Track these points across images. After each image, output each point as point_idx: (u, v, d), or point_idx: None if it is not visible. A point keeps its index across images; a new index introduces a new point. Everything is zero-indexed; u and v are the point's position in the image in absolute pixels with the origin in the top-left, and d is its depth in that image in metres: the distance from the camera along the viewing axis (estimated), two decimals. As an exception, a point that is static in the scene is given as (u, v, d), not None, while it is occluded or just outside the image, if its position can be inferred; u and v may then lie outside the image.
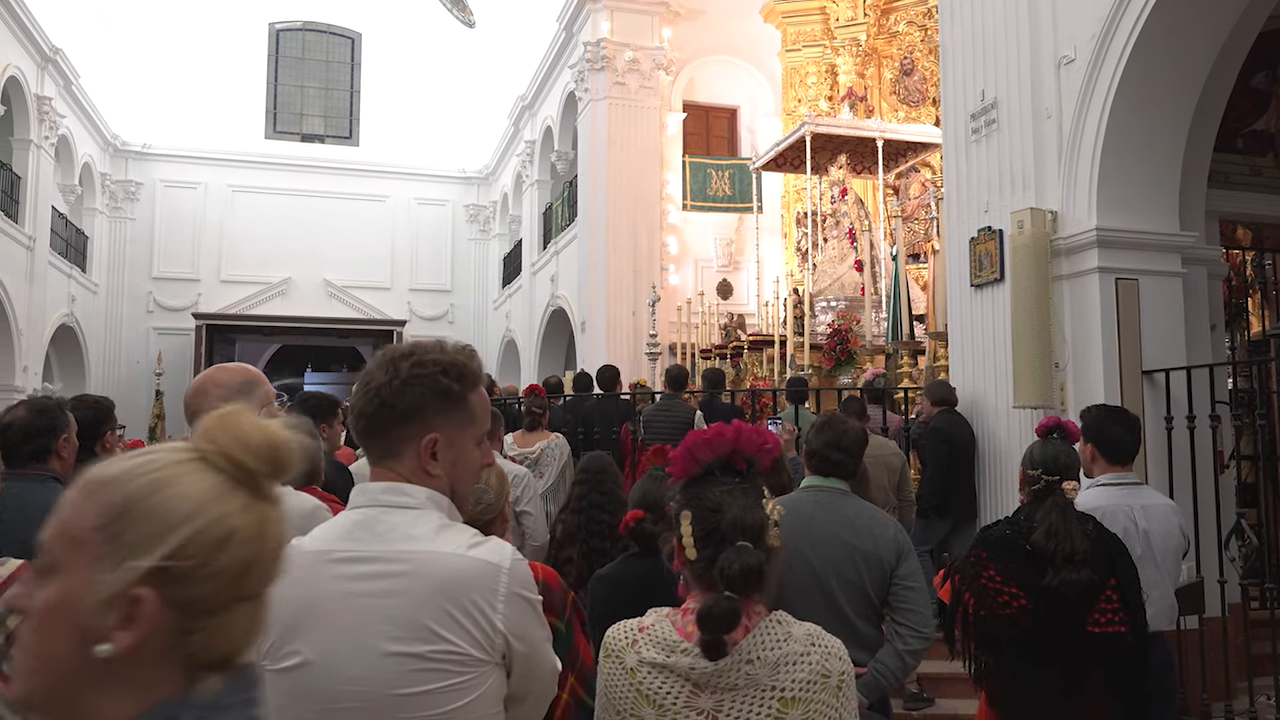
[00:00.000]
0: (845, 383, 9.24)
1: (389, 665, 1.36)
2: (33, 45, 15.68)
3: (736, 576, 1.47)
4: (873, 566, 2.85)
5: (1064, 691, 2.94)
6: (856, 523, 2.91)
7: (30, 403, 3.10)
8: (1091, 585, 2.97)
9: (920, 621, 2.82)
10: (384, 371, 1.48)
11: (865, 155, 11.73)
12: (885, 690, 2.86)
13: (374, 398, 1.48)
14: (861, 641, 2.82)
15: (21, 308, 15.40)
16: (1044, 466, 3.12)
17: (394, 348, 1.52)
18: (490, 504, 2.19)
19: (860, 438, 3.03)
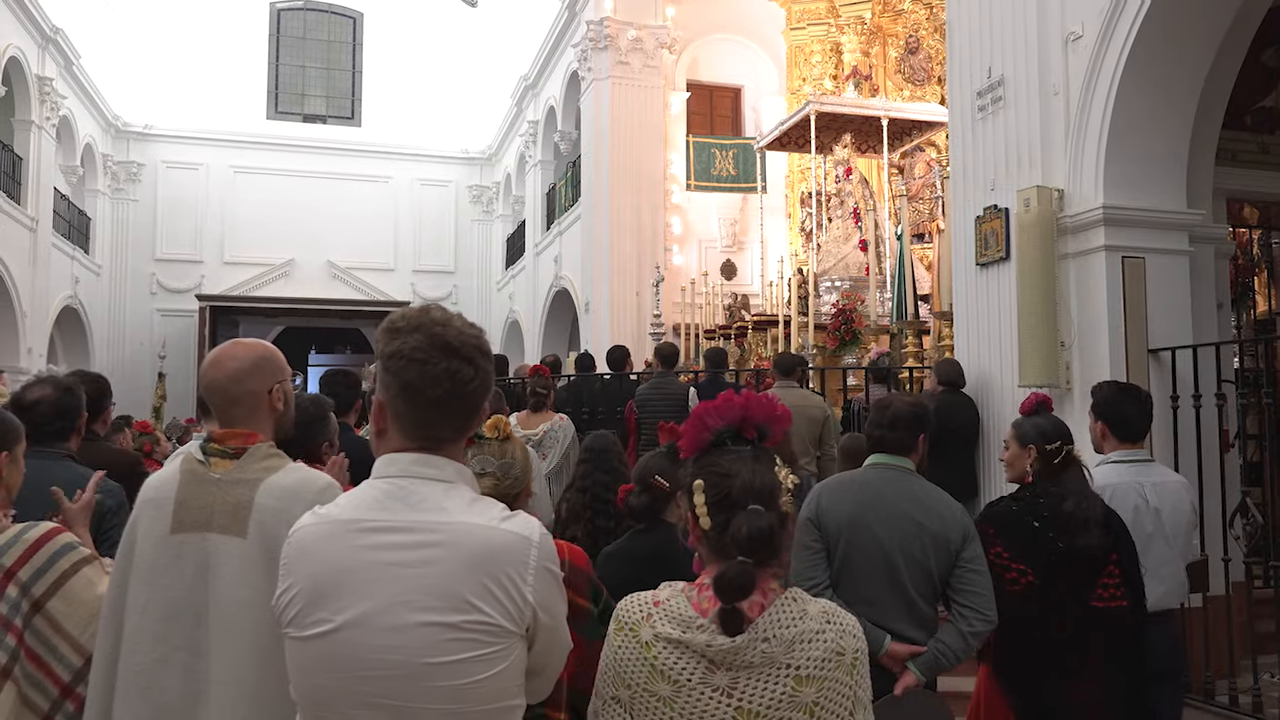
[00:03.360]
0: (850, 362, 9.23)
1: (422, 634, 1.37)
2: (33, 25, 15.61)
3: (746, 540, 1.47)
4: (940, 547, 2.83)
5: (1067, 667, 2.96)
6: (925, 502, 2.89)
7: (54, 381, 3.10)
8: (1096, 559, 2.99)
9: (984, 604, 2.80)
10: (471, 367, 1.47)
11: (870, 134, 11.68)
12: (943, 670, 2.85)
13: (481, 387, 1.48)
14: (920, 621, 2.83)
15: (25, 290, 15.41)
16: (1059, 436, 3.13)
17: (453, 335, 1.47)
18: (517, 478, 2.20)
19: (907, 412, 3.00)
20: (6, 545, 2.07)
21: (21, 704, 1.98)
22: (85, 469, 2.96)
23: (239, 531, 1.88)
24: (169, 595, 1.88)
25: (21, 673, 2.00)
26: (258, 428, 2.02)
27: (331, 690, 1.39)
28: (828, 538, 2.86)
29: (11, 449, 2.22)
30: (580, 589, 2.29)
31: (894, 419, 2.98)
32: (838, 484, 3.03)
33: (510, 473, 2.17)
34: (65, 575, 2.07)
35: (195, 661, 1.85)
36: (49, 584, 2.05)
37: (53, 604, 2.04)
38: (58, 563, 2.07)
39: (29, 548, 2.07)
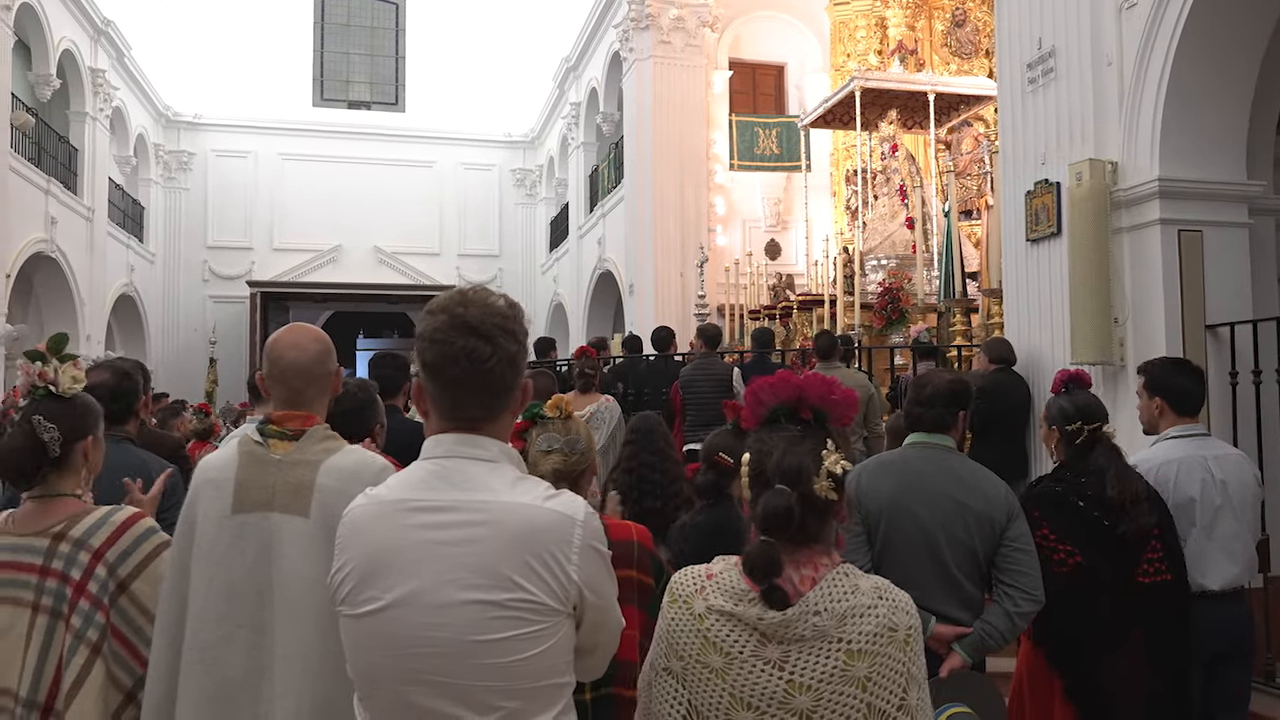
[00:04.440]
0: (896, 341, 9.13)
1: (467, 612, 1.39)
2: (85, 18, 15.93)
3: (760, 518, 1.49)
4: (983, 526, 2.77)
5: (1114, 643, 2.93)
6: (968, 481, 2.83)
7: (112, 366, 3.18)
8: (1140, 535, 2.94)
9: (1031, 584, 2.74)
10: (489, 345, 1.46)
11: (916, 110, 11.50)
12: (990, 651, 2.81)
13: (502, 365, 1.48)
14: (966, 602, 2.78)
15: (83, 278, 15.80)
16: (1081, 416, 3.08)
17: (474, 314, 1.48)
18: (583, 454, 2.22)
19: (945, 389, 2.93)
20: (94, 527, 2.13)
21: (110, 682, 2.04)
22: (145, 452, 3.04)
23: (302, 511, 1.91)
24: (232, 574, 1.93)
25: (108, 650, 2.06)
26: (319, 410, 2.07)
27: (383, 667, 1.42)
28: (868, 520, 2.83)
29: (96, 432, 2.28)
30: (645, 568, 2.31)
31: (932, 396, 2.93)
32: (877, 465, 2.99)
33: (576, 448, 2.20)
34: (149, 558, 2.13)
35: (259, 638, 1.89)
36: (134, 566, 2.11)
37: (137, 585, 2.10)
38: (142, 545, 2.13)
39: (115, 530, 2.13)
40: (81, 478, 2.25)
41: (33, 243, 13.91)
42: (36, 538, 2.13)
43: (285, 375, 2.09)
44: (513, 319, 1.51)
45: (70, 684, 2.03)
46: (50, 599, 2.09)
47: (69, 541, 2.11)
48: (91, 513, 2.17)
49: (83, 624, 2.06)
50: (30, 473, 2.18)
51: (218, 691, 1.89)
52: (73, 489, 2.22)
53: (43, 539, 2.12)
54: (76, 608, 2.07)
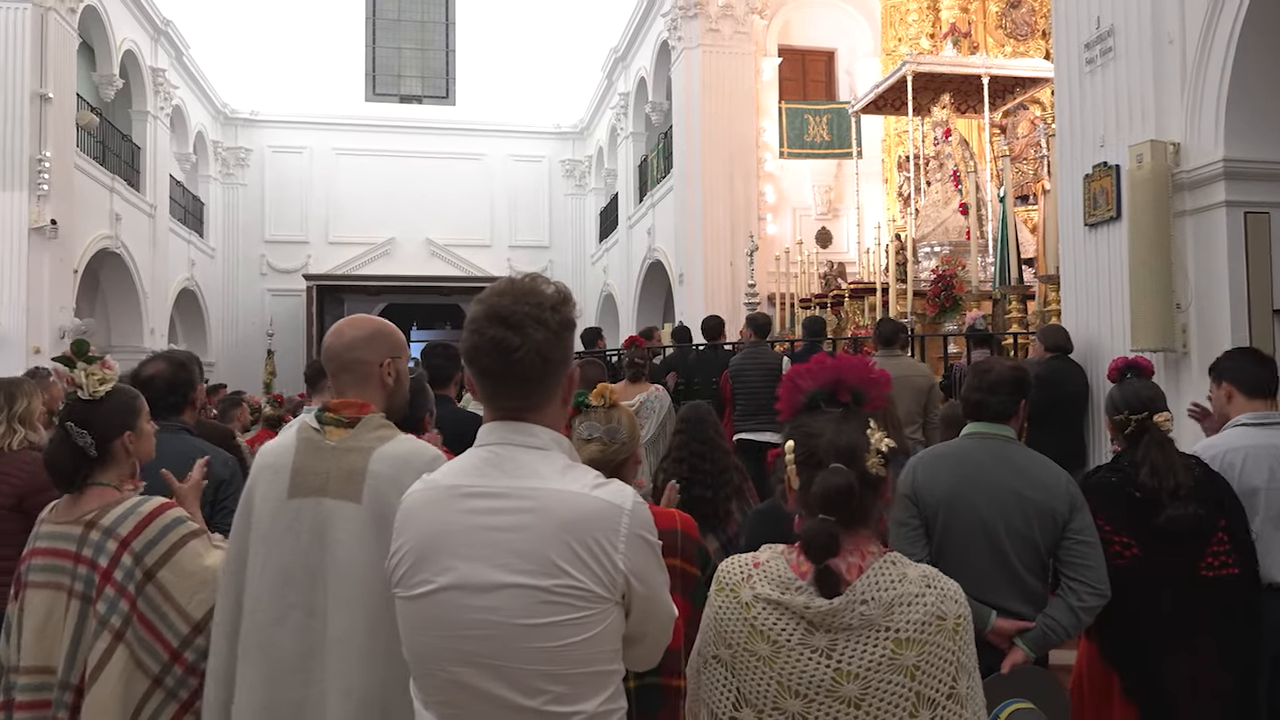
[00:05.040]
0: (950, 329, 9.00)
1: (515, 596, 1.41)
2: (145, 19, 16.31)
3: (820, 497, 1.48)
4: (1044, 518, 2.71)
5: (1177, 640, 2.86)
6: (1028, 472, 2.76)
7: (168, 357, 3.27)
8: (1201, 526, 2.86)
9: (1096, 577, 2.67)
10: (519, 336, 1.47)
11: (970, 94, 11.28)
12: (1053, 646, 2.75)
13: (530, 355, 1.47)
14: (1028, 595, 2.72)
15: (146, 273, 16.22)
16: (1127, 407, 3.02)
17: (506, 304, 1.49)
18: (623, 443, 2.22)
19: (1008, 376, 2.87)
20: (122, 517, 2.20)
21: (135, 666, 2.11)
22: (200, 441, 3.12)
23: (354, 497, 1.95)
24: (286, 557, 1.97)
25: (134, 637, 2.12)
26: (369, 398, 2.09)
27: (435, 648, 1.45)
28: (925, 513, 2.78)
29: (134, 426, 2.34)
30: (690, 557, 2.31)
31: (994, 383, 2.86)
32: (933, 456, 2.93)
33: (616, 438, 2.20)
34: (175, 547, 2.19)
35: (310, 620, 1.93)
36: (160, 555, 2.17)
37: (163, 574, 2.16)
38: (168, 535, 2.19)
39: (142, 520, 2.20)
40: (125, 470, 2.32)
41: (99, 239, 14.31)
42: (71, 525, 2.22)
43: (325, 360, 2.15)
44: (548, 307, 1.51)
45: (92, 668, 2.11)
46: (81, 585, 2.18)
47: (99, 529, 2.19)
48: (122, 502, 2.24)
49: (107, 610, 2.14)
50: (72, 475, 2.28)
51: (272, 670, 1.94)
52: (114, 480, 2.30)
53: (76, 526, 2.21)
54: (103, 594, 2.15)
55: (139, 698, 2.10)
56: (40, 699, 2.16)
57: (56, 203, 12.33)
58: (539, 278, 1.56)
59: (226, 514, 2.91)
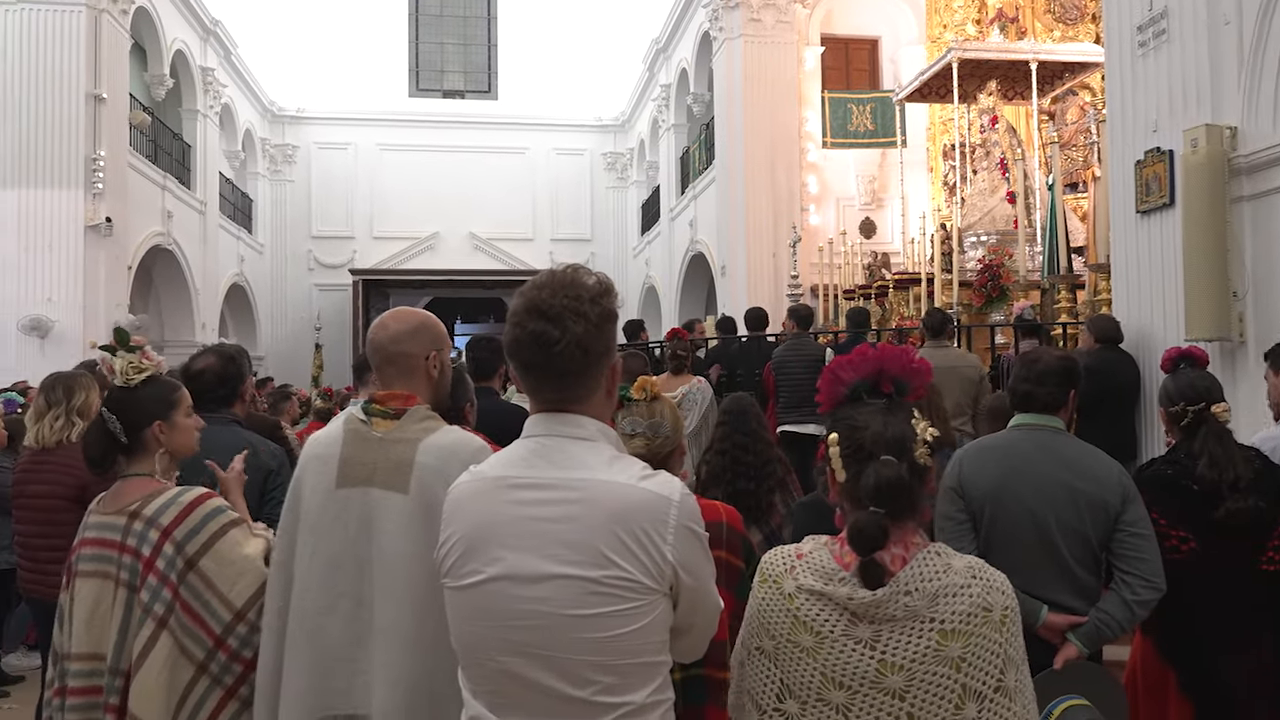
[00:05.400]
0: (997, 320, 8.87)
1: (563, 587, 1.42)
2: (195, 19, 16.60)
3: (874, 489, 1.46)
4: (1096, 511, 2.64)
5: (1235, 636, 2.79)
6: (1078, 464, 2.70)
7: (218, 351, 3.33)
8: (1262, 519, 2.79)
9: (1150, 570, 2.60)
10: (558, 329, 1.46)
11: (1017, 80, 11.09)
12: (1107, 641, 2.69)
13: (570, 348, 1.47)
14: (1081, 590, 2.66)
15: (197, 268, 16.54)
16: (1183, 398, 2.95)
17: (545, 297, 1.49)
18: (668, 436, 2.22)
19: (1057, 365, 2.81)
20: (164, 506, 2.25)
21: (179, 653, 2.16)
22: (250, 433, 3.17)
23: (401, 487, 1.96)
24: (333, 546, 2.00)
25: (178, 624, 2.17)
26: (414, 390, 2.11)
27: (484, 638, 1.46)
28: (972, 506, 2.73)
29: (167, 417, 2.38)
30: (735, 549, 2.31)
31: (1042, 373, 2.80)
32: (980, 449, 2.89)
33: (660, 432, 2.19)
34: (215, 536, 2.23)
35: (358, 609, 1.96)
36: (200, 544, 2.21)
37: (204, 562, 2.20)
38: (208, 524, 2.24)
39: (183, 509, 2.24)
40: (156, 460, 2.36)
41: (151, 236, 14.61)
42: (116, 515, 2.27)
43: (370, 353, 2.17)
44: (587, 299, 1.50)
45: (137, 655, 2.15)
46: (126, 573, 2.23)
47: (141, 519, 2.24)
48: (164, 492, 2.28)
49: (150, 598, 2.18)
50: (101, 459, 2.35)
51: (320, 657, 1.97)
52: (150, 470, 2.35)
53: (121, 517, 2.26)
54: (146, 583, 2.20)
55: (185, 684, 2.14)
56: (91, 685, 2.22)
57: (111, 201, 12.61)
58: (580, 268, 1.55)
59: (275, 504, 2.97)
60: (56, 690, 2.27)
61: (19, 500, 3.89)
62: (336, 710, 1.94)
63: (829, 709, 1.47)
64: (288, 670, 1.99)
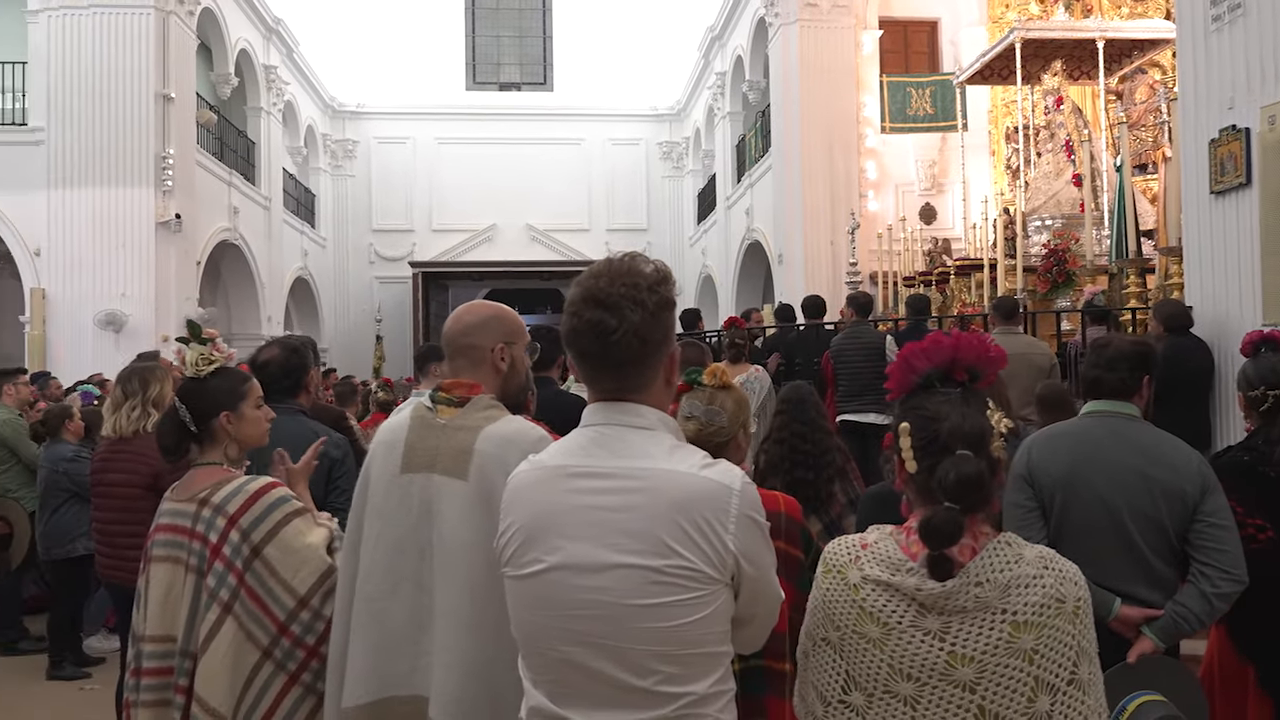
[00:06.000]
0: (1063, 306, 8.67)
1: (625, 576, 1.41)
2: (258, 19, 16.94)
3: (953, 486, 1.42)
4: (1173, 500, 2.57)
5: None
6: (1154, 451, 2.63)
7: (283, 343, 3.41)
8: None
9: (1231, 562, 2.51)
10: (616, 317, 1.46)
11: (1083, 59, 10.80)
12: (1185, 635, 2.62)
13: (628, 337, 1.46)
14: (1157, 581, 2.59)
15: (263, 263, 16.92)
16: (1263, 381, 2.85)
17: (602, 285, 1.48)
18: (722, 427, 2.21)
19: (1130, 351, 2.73)
20: (230, 495, 2.31)
21: (245, 638, 2.22)
22: (315, 424, 3.23)
23: (461, 474, 1.99)
24: (398, 531, 2.03)
25: (243, 610, 2.23)
26: (481, 380, 2.13)
27: (545, 627, 1.47)
28: (1041, 495, 2.67)
29: (234, 408, 2.45)
30: (794, 539, 2.29)
31: (1114, 359, 2.72)
32: (1049, 436, 2.82)
33: (715, 420, 2.18)
34: (279, 525, 2.29)
35: (419, 594, 1.99)
36: (265, 532, 2.27)
37: (269, 550, 2.26)
38: (273, 513, 2.29)
39: (249, 498, 2.30)
40: (224, 449, 2.43)
41: (219, 231, 14.98)
42: (187, 503, 2.35)
43: (444, 343, 2.21)
44: (645, 288, 1.49)
45: (203, 638, 2.22)
46: (195, 559, 2.31)
47: (210, 507, 2.30)
48: (232, 481, 2.35)
49: (216, 584, 2.25)
50: (174, 448, 2.44)
51: (382, 640, 2.00)
52: (219, 459, 2.42)
53: (191, 504, 2.34)
54: (213, 568, 2.26)
55: (250, 668, 2.20)
56: (164, 665, 2.30)
57: (180, 198, 12.94)
58: (638, 256, 1.54)
59: (340, 493, 3.03)
60: (134, 671, 2.36)
61: (97, 488, 4.03)
62: (398, 691, 1.97)
63: (896, 701, 1.45)
64: (352, 651, 2.03)
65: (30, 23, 12.80)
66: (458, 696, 1.89)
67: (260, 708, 2.20)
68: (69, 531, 5.68)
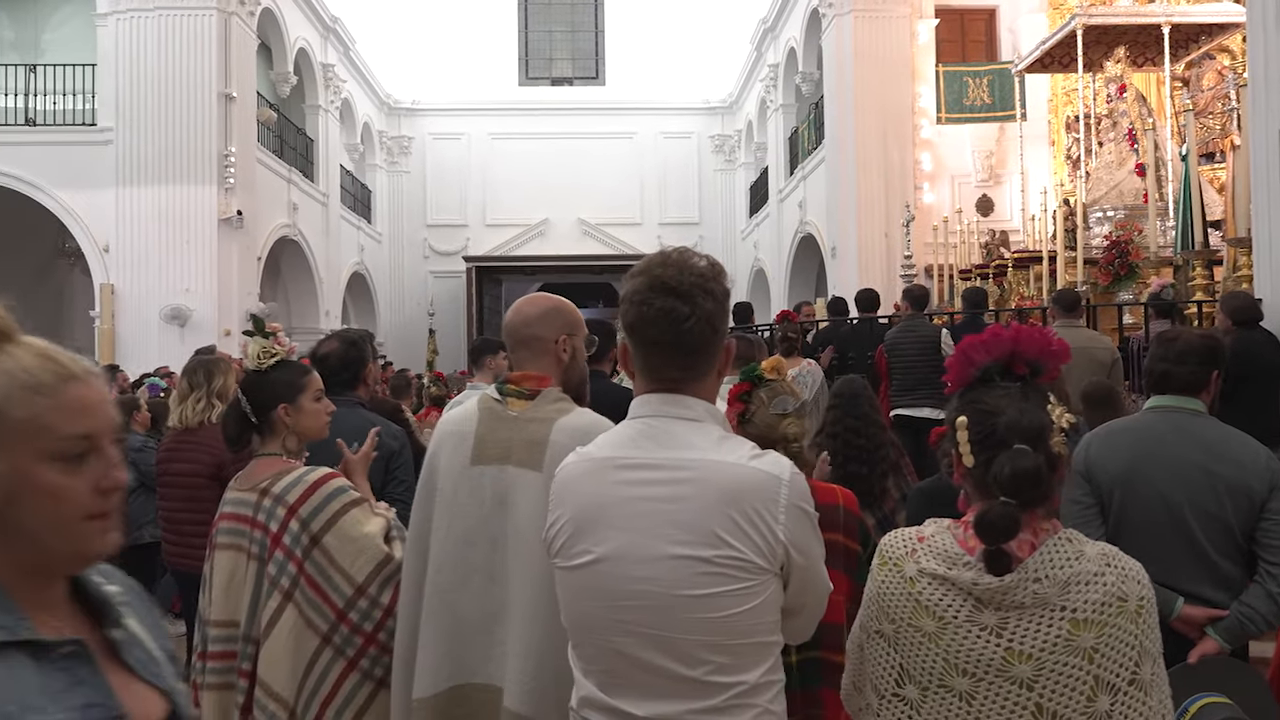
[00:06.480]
0: (1126, 299, 8.47)
1: (674, 567, 1.42)
2: (316, 18, 17.23)
3: (1009, 480, 1.40)
4: (1238, 497, 2.50)
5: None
6: (1219, 448, 2.56)
7: (341, 336, 3.48)
8: None
9: None
10: (688, 305, 1.47)
11: (1148, 45, 10.52)
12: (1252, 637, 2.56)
13: (701, 325, 1.47)
14: (1222, 580, 2.52)
15: (321, 258, 17.23)
16: None
17: (671, 274, 1.49)
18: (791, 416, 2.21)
19: (1199, 344, 2.66)
20: (290, 485, 2.36)
21: (305, 624, 2.27)
22: (373, 415, 3.29)
23: (536, 465, 2.01)
24: (467, 522, 2.05)
25: (302, 597, 2.28)
26: (544, 372, 2.15)
27: (595, 618, 1.48)
28: (1099, 491, 2.62)
29: (293, 400, 2.50)
30: (851, 532, 2.29)
31: (1183, 352, 2.65)
32: (1108, 432, 2.76)
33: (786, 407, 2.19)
34: (337, 514, 2.33)
35: (491, 585, 2.01)
36: (324, 521, 2.32)
37: (327, 539, 2.31)
38: (331, 503, 2.34)
39: (308, 488, 2.35)
40: (282, 440, 2.48)
41: (278, 228, 15.29)
42: (249, 492, 2.41)
43: (506, 336, 2.24)
44: (712, 278, 1.51)
45: (265, 624, 2.28)
46: (256, 547, 2.37)
47: (270, 497, 2.36)
48: (292, 471, 2.40)
49: (277, 572, 2.31)
50: (235, 437, 2.51)
51: (455, 630, 2.03)
52: (279, 450, 2.48)
53: (253, 494, 2.40)
54: (273, 557, 2.32)
55: (310, 653, 2.25)
56: (227, 649, 2.37)
57: (241, 195, 13.23)
58: (687, 250, 1.55)
59: (398, 483, 3.09)
60: (200, 654, 2.43)
61: (163, 478, 4.15)
62: (473, 679, 2.00)
63: (951, 696, 1.43)
64: (423, 642, 2.06)
65: (99, 26, 13.17)
66: (533, 687, 1.91)
67: (320, 692, 2.25)
68: (136, 519, 5.85)
